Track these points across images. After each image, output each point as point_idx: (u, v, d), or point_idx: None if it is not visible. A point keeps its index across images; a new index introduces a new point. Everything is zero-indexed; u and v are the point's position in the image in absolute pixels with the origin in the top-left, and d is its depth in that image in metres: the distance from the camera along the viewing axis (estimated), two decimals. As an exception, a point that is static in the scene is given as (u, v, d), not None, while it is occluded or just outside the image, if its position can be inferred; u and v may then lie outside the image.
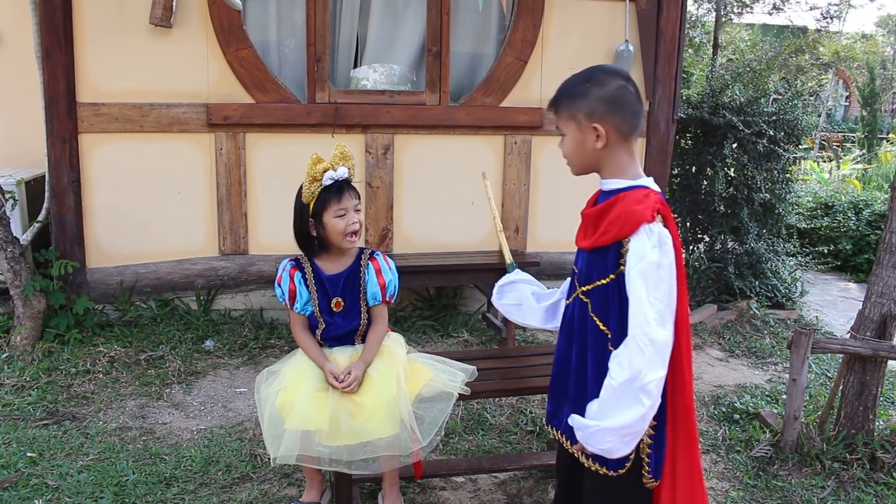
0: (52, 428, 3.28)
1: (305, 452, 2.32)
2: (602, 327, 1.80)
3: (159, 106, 4.33)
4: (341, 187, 2.39)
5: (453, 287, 4.93)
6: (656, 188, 1.82)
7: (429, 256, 4.69)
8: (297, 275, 2.46)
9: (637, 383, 1.65)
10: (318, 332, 2.49)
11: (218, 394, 3.74)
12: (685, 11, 4.96)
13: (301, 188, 2.41)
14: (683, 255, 1.84)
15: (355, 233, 2.42)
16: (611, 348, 1.76)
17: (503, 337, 4.50)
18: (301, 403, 2.32)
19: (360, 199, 2.46)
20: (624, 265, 1.72)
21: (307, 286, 2.45)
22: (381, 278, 2.49)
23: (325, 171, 2.35)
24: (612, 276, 1.77)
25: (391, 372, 2.40)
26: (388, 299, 2.51)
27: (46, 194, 4.30)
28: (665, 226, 1.72)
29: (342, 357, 2.45)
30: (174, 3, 4.16)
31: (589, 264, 1.83)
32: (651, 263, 1.67)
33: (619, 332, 1.74)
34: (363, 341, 2.51)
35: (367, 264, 2.49)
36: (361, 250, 2.52)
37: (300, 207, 2.43)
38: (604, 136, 1.72)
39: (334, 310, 2.46)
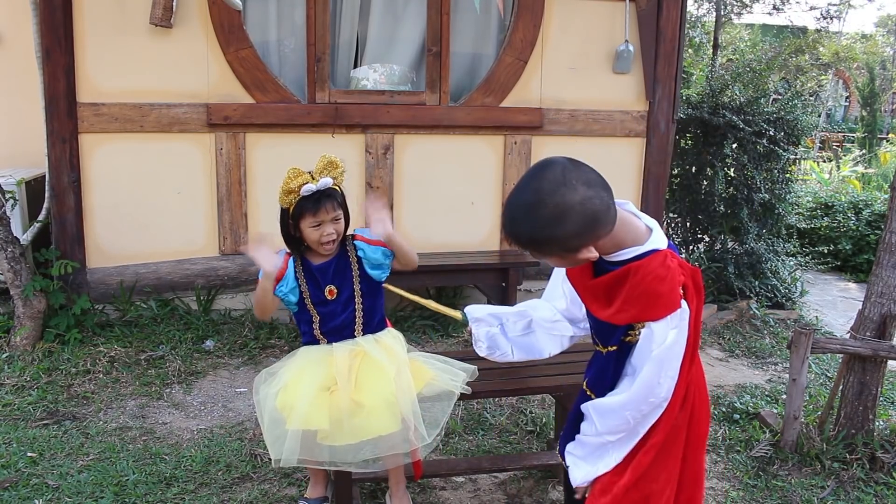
0: (52, 428, 3.28)
1: (308, 455, 2.32)
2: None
3: (159, 106, 4.33)
4: (319, 199, 2.36)
5: (453, 287, 4.93)
6: (663, 239, 1.65)
7: (429, 256, 4.69)
8: (291, 262, 2.47)
9: (614, 440, 1.75)
10: (316, 326, 2.48)
11: (218, 394, 3.74)
12: (685, 11, 4.96)
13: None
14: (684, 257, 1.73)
15: (332, 241, 2.42)
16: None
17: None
18: (302, 403, 2.32)
19: (342, 207, 2.44)
20: (632, 337, 1.70)
21: (297, 277, 2.46)
22: (373, 243, 2.48)
23: (302, 185, 2.34)
24: (613, 347, 1.76)
25: (391, 369, 2.40)
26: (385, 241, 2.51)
27: (46, 194, 4.30)
28: (688, 299, 1.63)
29: (343, 352, 2.45)
30: (174, 3, 4.16)
31: (602, 328, 1.80)
32: (668, 347, 1.62)
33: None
34: (364, 333, 2.51)
35: (353, 245, 2.50)
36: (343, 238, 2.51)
37: (281, 210, 2.44)
38: (594, 251, 1.57)
39: (328, 298, 2.46)
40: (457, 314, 2.18)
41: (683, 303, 1.61)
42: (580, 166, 1.53)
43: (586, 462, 1.82)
